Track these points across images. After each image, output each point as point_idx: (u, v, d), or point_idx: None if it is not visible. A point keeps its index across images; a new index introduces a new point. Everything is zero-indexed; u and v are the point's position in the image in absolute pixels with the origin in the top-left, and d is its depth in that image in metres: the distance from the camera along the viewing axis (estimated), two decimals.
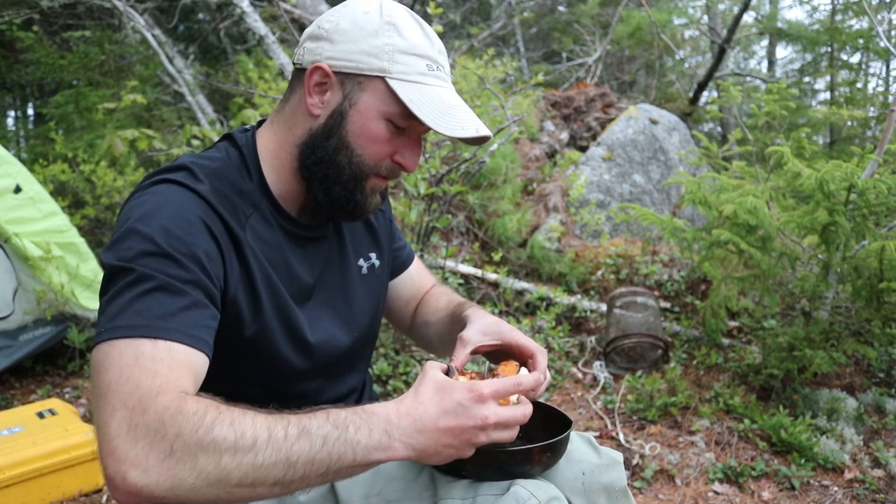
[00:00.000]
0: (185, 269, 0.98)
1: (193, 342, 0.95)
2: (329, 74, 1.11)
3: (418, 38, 1.12)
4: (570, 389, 3.20)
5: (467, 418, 0.94)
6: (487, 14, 9.77)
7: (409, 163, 1.16)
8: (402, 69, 1.09)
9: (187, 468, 0.83)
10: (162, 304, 0.94)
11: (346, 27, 1.11)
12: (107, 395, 0.87)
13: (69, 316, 3.39)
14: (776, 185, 3.27)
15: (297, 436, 0.88)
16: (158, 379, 0.88)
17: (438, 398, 0.95)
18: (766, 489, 2.41)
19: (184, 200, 1.04)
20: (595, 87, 6.81)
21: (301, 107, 1.15)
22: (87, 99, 5.85)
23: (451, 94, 1.14)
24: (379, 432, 0.92)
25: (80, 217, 4.48)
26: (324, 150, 1.13)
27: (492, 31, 8.21)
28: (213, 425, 0.85)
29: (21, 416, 2.48)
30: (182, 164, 1.12)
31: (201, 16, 8.60)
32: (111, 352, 0.90)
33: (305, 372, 1.21)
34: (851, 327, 2.91)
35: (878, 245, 2.48)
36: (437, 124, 1.08)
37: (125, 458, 0.83)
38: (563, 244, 4.68)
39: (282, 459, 0.86)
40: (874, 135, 6.24)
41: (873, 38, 6.37)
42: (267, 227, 1.16)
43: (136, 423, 0.84)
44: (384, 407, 0.95)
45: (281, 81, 4.90)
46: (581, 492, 1.18)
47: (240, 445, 0.85)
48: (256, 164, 1.17)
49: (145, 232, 0.98)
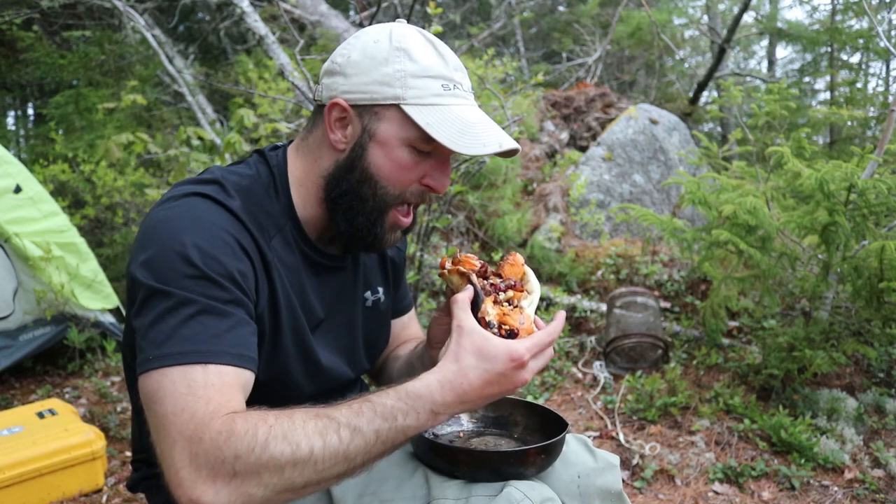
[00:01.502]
0: (225, 290, 1.00)
1: (241, 362, 0.98)
2: (346, 109, 1.11)
3: (431, 59, 1.11)
4: (570, 389, 3.20)
5: (509, 384, 1.00)
6: (487, 14, 9.77)
7: (439, 184, 1.15)
8: (416, 93, 1.08)
9: (253, 485, 0.89)
10: (208, 327, 0.96)
11: (357, 59, 1.11)
12: (165, 427, 0.91)
13: (69, 316, 3.39)
14: (776, 185, 3.27)
15: (351, 437, 0.92)
16: (211, 405, 0.91)
17: (482, 370, 0.99)
18: (766, 489, 2.41)
19: (217, 217, 1.05)
20: (595, 87, 6.81)
21: (325, 141, 1.15)
22: (87, 99, 5.85)
23: (470, 111, 1.13)
24: (426, 414, 0.97)
25: (80, 217, 4.48)
26: (348, 183, 1.13)
27: (492, 31, 8.21)
28: (266, 442, 0.89)
29: (21, 416, 2.48)
30: (214, 177, 1.12)
31: (201, 16, 8.60)
32: (163, 381, 0.93)
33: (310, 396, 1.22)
34: (851, 327, 2.91)
35: (879, 245, 2.48)
36: (456, 144, 1.07)
37: (194, 486, 0.88)
38: (563, 244, 4.68)
39: (340, 460, 0.92)
40: (874, 135, 6.24)
41: (873, 38, 6.37)
42: (288, 250, 1.17)
43: (196, 451, 0.89)
44: (427, 386, 0.98)
45: (281, 81, 4.90)
46: (576, 495, 1.18)
47: (298, 458, 0.90)
48: (286, 185, 1.18)
49: (181, 251, 0.99)
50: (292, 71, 3.72)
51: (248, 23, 4.55)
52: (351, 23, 6.92)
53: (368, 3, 6.98)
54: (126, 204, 4.59)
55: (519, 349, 0.99)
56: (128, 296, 1.11)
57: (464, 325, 1.02)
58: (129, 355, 1.20)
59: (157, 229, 1.03)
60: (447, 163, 1.16)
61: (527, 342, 1.01)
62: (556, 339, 1.06)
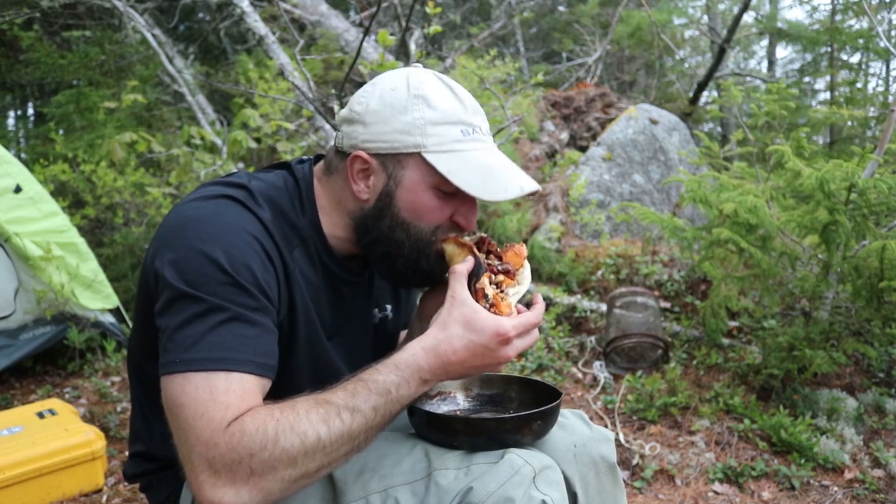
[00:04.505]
0: (253, 297, 1.02)
1: (262, 370, 1.01)
2: (368, 161, 1.12)
3: (449, 104, 1.12)
4: (570, 389, 3.20)
5: (492, 358, 1.06)
6: (487, 14, 9.76)
7: (467, 221, 1.18)
8: (436, 140, 1.10)
9: (270, 479, 0.93)
10: (235, 335, 0.99)
11: (375, 107, 1.12)
12: (186, 431, 0.95)
13: (69, 316, 3.39)
14: (776, 184, 3.27)
15: (352, 418, 0.98)
16: (230, 411, 0.95)
17: (468, 340, 1.04)
18: (766, 489, 2.41)
19: (246, 224, 1.07)
20: (595, 87, 6.81)
21: (347, 188, 1.16)
22: (87, 99, 5.85)
23: (490, 155, 1.14)
24: (416, 382, 1.04)
25: (81, 217, 4.48)
26: (378, 231, 1.15)
27: (492, 31, 8.21)
28: (277, 437, 0.93)
29: (21, 416, 2.48)
30: (241, 182, 1.13)
31: (201, 16, 8.60)
32: (187, 386, 0.96)
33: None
34: (851, 327, 2.91)
35: (879, 244, 2.48)
36: (479, 190, 1.09)
37: (214, 489, 0.92)
38: (563, 244, 4.68)
39: (346, 441, 0.98)
40: (874, 135, 6.24)
41: (873, 38, 6.37)
42: (309, 262, 1.18)
43: (213, 456, 0.92)
44: (413, 354, 1.05)
45: (281, 81, 4.90)
46: (573, 463, 1.20)
47: (307, 447, 0.95)
48: (311, 200, 1.19)
49: (212, 256, 1.00)
50: (292, 71, 3.73)
51: (248, 23, 4.56)
52: (351, 23, 6.92)
53: (368, 3, 6.97)
54: (126, 204, 4.59)
55: (505, 325, 1.05)
56: (144, 289, 1.11)
57: (457, 296, 1.07)
58: (137, 347, 1.20)
59: (187, 229, 1.04)
60: (475, 201, 1.18)
61: (514, 320, 1.06)
62: (540, 321, 1.11)
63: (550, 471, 1.08)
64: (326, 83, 6.28)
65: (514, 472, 1.04)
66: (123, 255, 4.56)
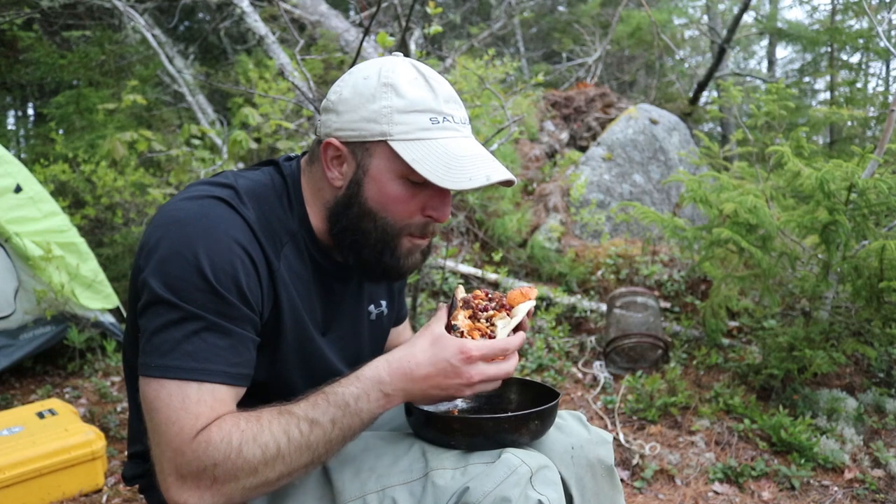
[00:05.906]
0: (231, 306, 1.03)
1: (235, 380, 1.04)
2: (340, 147, 1.13)
3: (419, 93, 1.11)
4: (570, 389, 3.20)
5: (455, 377, 1.06)
6: (487, 14, 9.76)
7: (440, 214, 1.16)
8: (402, 129, 1.09)
9: (232, 487, 0.98)
10: (209, 344, 1.01)
11: (347, 96, 1.13)
12: (158, 435, 1.00)
13: (69, 316, 3.39)
14: (776, 184, 3.27)
15: (310, 429, 1.01)
16: (200, 421, 0.98)
17: (431, 353, 1.06)
18: (766, 489, 2.41)
19: (230, 227, 1.07)
20: (595, 87, 6.82)
21: (324, 177, 1.17)
22: (87, 99, 5.85)
23: (459, 144, 1.12)
24: (376, 394, 1.05)
25: (81, 217, 4.47)
26: (347, 219, 1.15)
27: (492, 31, 8.20)
28: (240, 448, 0.97)
29: (21, 416, 2.48)
30: (228, 182, 1.14)
31: (201, 16, 8.60)
32: (161, 392, 0.99)
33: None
34: (851, 327, 2.91)
35: (879, 244, 2.48)
36: (441, 179, 1.07)
37: (180, 492, 0.98)
38: (563, 244, 4.68)
39: (305, 451, 1.01)
40: (874, 135, 6.24)
41: (873, 38, 6.37)
42: (299, 258, 1.18)
43: (180, 462, 0.97)
44: (375, 367, 1.07)
45: (281, 81, 4.89)
46: (569, 465, 1.20)
47: (268, 457, 0.98)
48: (300, 195, 1.20)
49: (192, 260, 1.01)
50: (292, 71, 3.72)
51: (248, 23, 4.55)
52: (351, 23, 6.92)
53: (368, 3, 6.97)
54: (126, 204, 4.59)
55: (469, 344, 1.06)
56: (132, 285, 1.12)
57: (430, 325, 1.10)
58: (130, 349, 1.21)
59: (171, 230, 1.04)
60: (447, 192, 1.16)
61: (478, 342, 1.07)
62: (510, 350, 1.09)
63: (547, 471, 1.09)
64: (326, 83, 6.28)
65: (510, 471, 1.04)
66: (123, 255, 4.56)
